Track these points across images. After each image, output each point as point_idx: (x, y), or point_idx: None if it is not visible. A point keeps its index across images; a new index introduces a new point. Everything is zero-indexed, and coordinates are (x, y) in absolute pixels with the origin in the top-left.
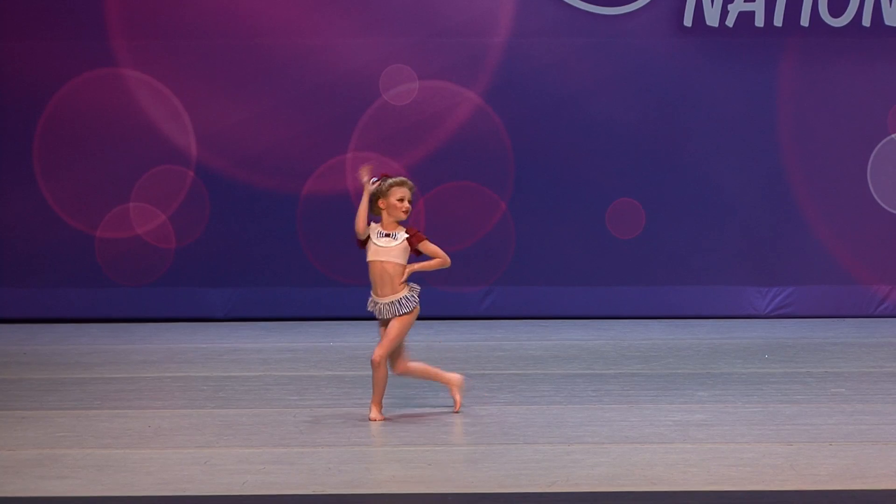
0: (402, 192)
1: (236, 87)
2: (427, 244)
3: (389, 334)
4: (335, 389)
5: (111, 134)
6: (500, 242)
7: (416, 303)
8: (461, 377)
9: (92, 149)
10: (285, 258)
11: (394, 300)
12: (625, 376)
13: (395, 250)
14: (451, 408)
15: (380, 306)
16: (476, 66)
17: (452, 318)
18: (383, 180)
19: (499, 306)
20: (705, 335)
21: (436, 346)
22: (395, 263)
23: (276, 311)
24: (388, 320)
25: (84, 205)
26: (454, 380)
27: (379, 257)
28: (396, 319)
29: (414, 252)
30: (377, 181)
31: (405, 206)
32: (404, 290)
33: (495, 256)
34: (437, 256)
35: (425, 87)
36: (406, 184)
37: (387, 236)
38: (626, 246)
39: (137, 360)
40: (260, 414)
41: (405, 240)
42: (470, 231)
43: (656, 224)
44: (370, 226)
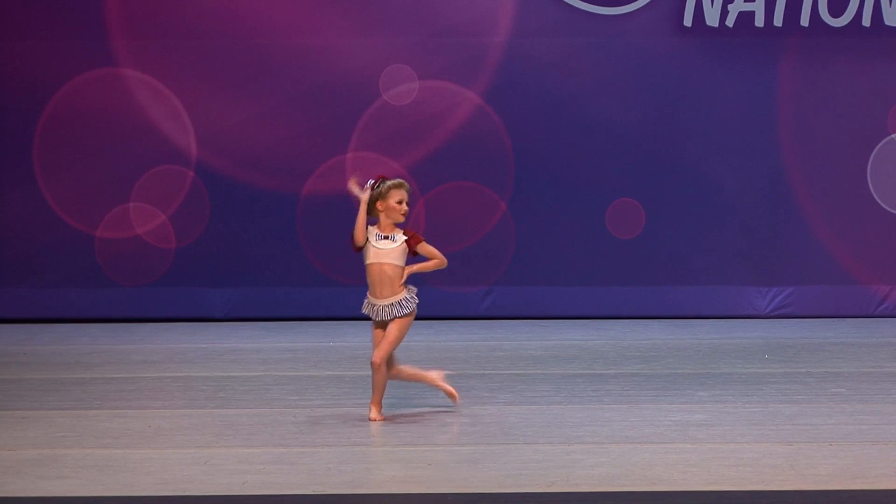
0: (401, 194)
1: (236, 87)
2: (425, 245)
3: (389, 336)
4: (335, 389)
5: (111, 134)
6: (500, 242)
7: (415, 304)
8: (441, 371)
9: (92, 149)
10: (285, 258)
11: (393, 302)
12: (625, 376)
13: (394, 252)
14: (451, 407)
15: (378, 308)
16: (476, 66)
17: (452, 318)
18: (381, 182)
19: (499, 306)
20: (705, 335)
21: (436, 346)
22: (394, 265)
23: (276, 311)
24: (386, 322)
25: (84, 205)
26: (437, 376)
27: (378, 260)
28: (396, 321)
29: (412, 253)
30: (374, 183)
31: (403, 208)
32: (403, 292)
33: (495, 256)
34: (435, 257)
35: (425, 87)
36: (404, 185)
37: (385, 238)
38: (626, 246)
39: (137, 360)
40: (260, 414)
41: (404, 242)
42: (470, 231)
43: (656, 224)
44: (367, 229)
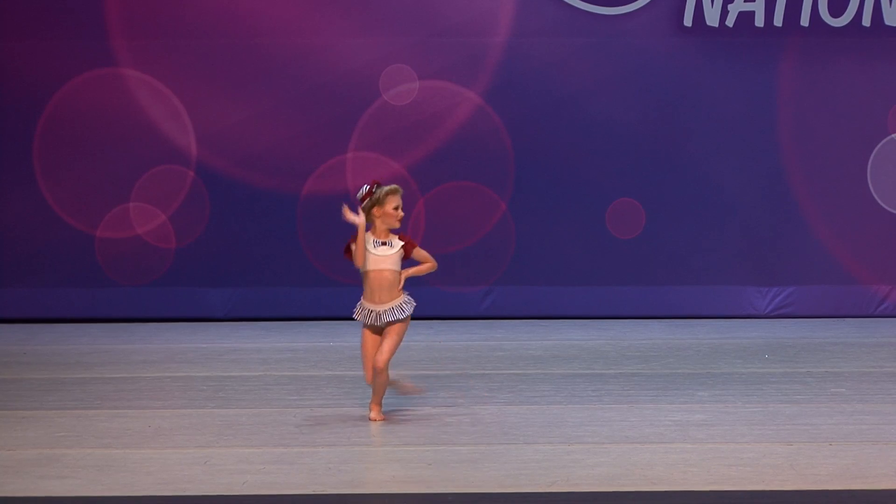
0: (397, 200)
1: (236, 87)
2: (419, 250)
3: (392, 340)
4: (335, 389)
5: (111, 134)
6: (500, 242)
7: (413, 307)
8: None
9: (92, 149)
10: (285, 258)
11: (394, 306)
12: (625, 376)
13: (393, 258)
14: (452, 407)
15: (376, 314)
16: (476, 66)
17: (452, 318)
18: (377, 188)
19: (499, 306)
20: (705, 335)
21: (436, 346)
22: (393, 271)
23: (276, 311)
24: (383, 327)
25: (84, 205)
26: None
27: (378, 266)
28: (397, 325)
29: (405, 258)
30: (370, 188)
31: (399, 214)
32: (402, 296)
33: (495, 256)
34: (427, 261)
35: (425, 87)
36: (399, 191)
37: (383, 245)
38: (626, 246)
39: (137, 360)
40: (260, 414)
41: (401, 247)
42: (470, 231)
43: (656, 224)
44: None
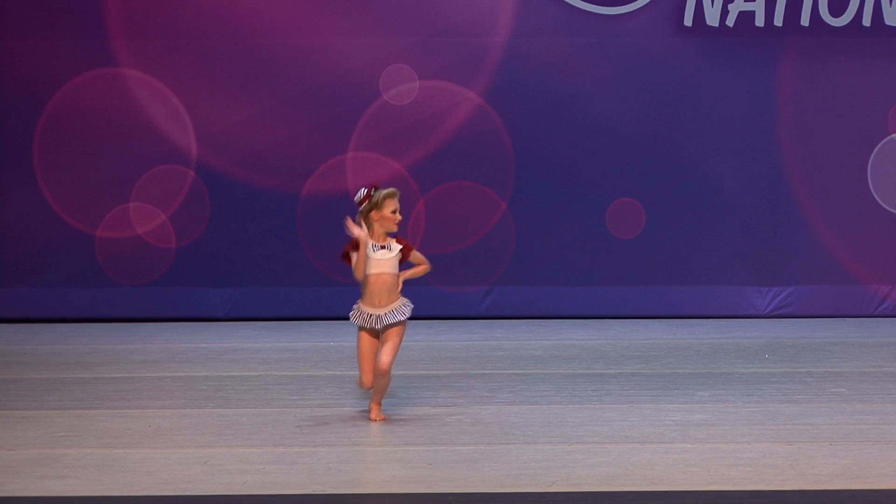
0: (395, 203)
1: (236, 87)
2: (415, 253)
3: (394, 341)
4: (335, 389)
5: (111, 134)
6: (500, 242)
7: (411, 309)
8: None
9: (92, 149)
10: (285, 258)
11: (394, 308)
12: (625, 376)
13: (392, 262)
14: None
15: (376, 317)
16: (476, 65)
17: (452, 318)
18: (374, 191)
19: (499, 306)
20: (705, 335)
21: (436, 346)
22: (392, 274)
23: (276, 311)
24: (382, 330)
25: (84, 205)
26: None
27: (378, 270)
28: (398, 327)
29: (402, 260)
30: (367, 191)
31: (397, 217)
32: (400, 298)
33: (495, 256)
34: (422, 263)
35: (425, 87)
36: (396, 194)
37: (382, 248)
38: (626, 246)
39: (137, 360)
40: (260, 414)
41: (399, 250)
42: (470, 231)
43: (656, 224)
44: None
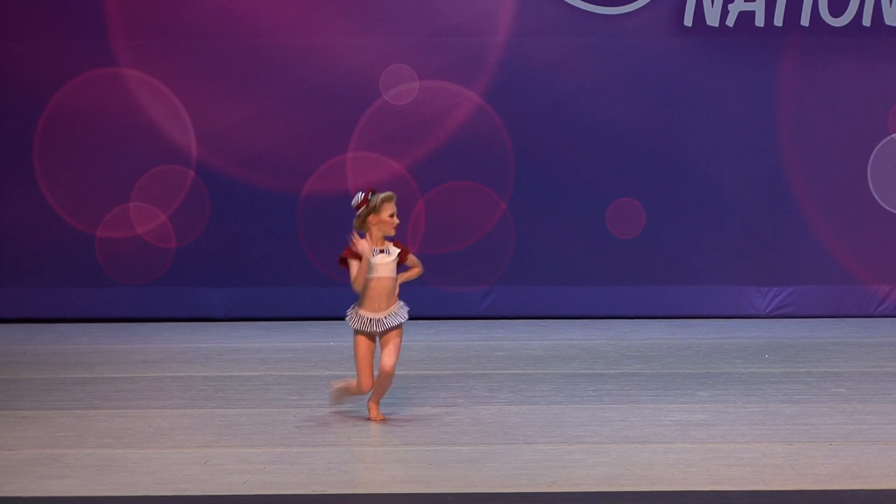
0: (392, 207)
1: (236, 87)
2: (411, 256)
3: (396, 343)
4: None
5: (111, 134)
6: (500, 242)
7: (407, 311)
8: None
9: (92, 149)
10: (285, 258)
11: (393, 311)
12: (625, 376)
13: (391, 265)
14: (452, 407)
15: (377, 321)
16: (476, 65)
17: (452, 318)
18: (371, 195)
19: (499, 306)
20: (705, 335)
21: (436, 346)
22: (391, 278)
23: (276, 311)
24: (383, 333)
25: (84, 205)
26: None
27: (378, 274)
28: (399, 328)
29: (401, 264)
30: (365, 196)
31: (395, 221)
32: (398, 301)
33: (495, 256)
34: (417, 266)
35: (425, 87)
36: (394, 198)
37: (381, 252)
38: (626, 246)
39: (137, 360)
40: (260, 414)
41: (398, 254)
42: (470, 231)
43: (656, 224)
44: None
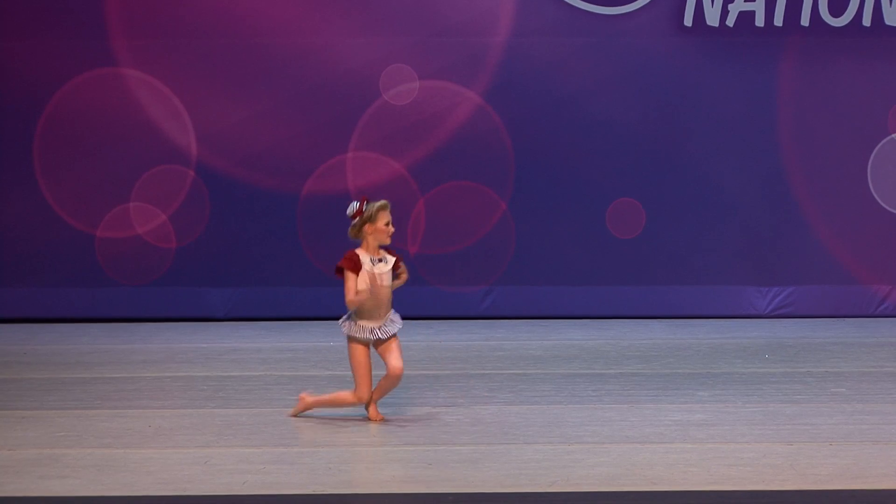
0: (387, 215)
1: (236, 87)
2: (402, 263)
3: (398, 345)
4: (335, 389)
5: (111, 134)
6: (500, 242)
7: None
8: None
9: (92, 149)
10: (285, 258)
11: (391, 319)
12: (625, 376)
13: (389, 274)
14: (452, 407)
15: (378, 329)
16: (476, 65)
17: (452, 318)
18: (366, 204)
19: (499, 306)
20: (705, 335)
21: (436, 346)
22: (389, 286)
23: (276, 311)
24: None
25: (84, 205)
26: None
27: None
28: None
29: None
30: (360, 205)
31: (390, 229)
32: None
33: (495, 256)
34: (405, 272)
35: (425, 87)
36: (388, 206)
37: (380, 262)
38: (626, 246)
39: (137, 360)
40: (260, 414)
41: (394, 262)
42: (470, 231)
43: (656, 224)
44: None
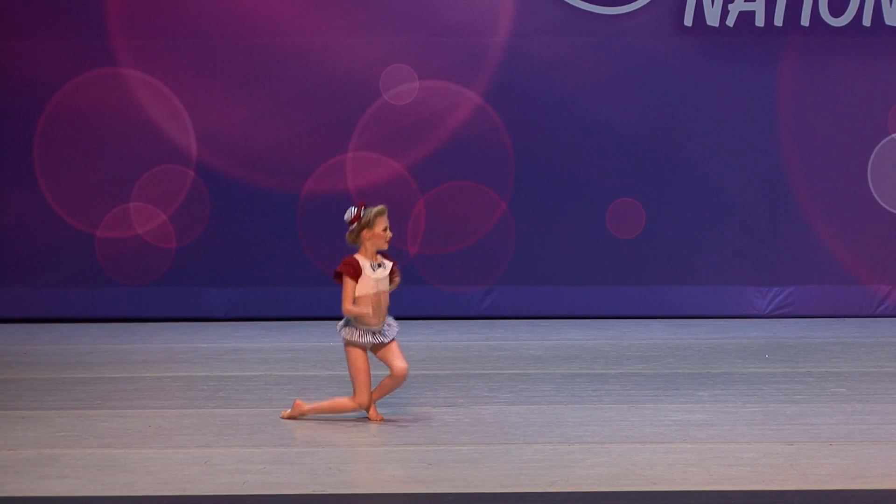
0: (385, 221)
1: (236, 87)
2: (397, 268)
3: (400, 348)
4: (335, 389)
5: (111, 134)
6: (500, 242)
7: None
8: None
9: (92, 149)
10: (285, 258)
11: (389, 323)
12: (625, 376)
13: (387, 279)
14: (452, 407)
15: (380, 333)
16: (476, 65)
17: (452, 318)
18: (364, 210)
19: (499, 306)
20: (705, 335)
21: (436, 346)
22: (387, 291)
23: (276, 311)
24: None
25: (84, 205)
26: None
27: (377, 289)
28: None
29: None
30: (358, 211)
31: (388, 234)
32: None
33: (495, 256)
34: (398, 276)
35: (425, 87)
36: (385, 211)
37: (379, 267)
38: (626, 246)
39: (137, 360)
40: (260, 414)
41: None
42: (470, 231)
43: (656, 224)
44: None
